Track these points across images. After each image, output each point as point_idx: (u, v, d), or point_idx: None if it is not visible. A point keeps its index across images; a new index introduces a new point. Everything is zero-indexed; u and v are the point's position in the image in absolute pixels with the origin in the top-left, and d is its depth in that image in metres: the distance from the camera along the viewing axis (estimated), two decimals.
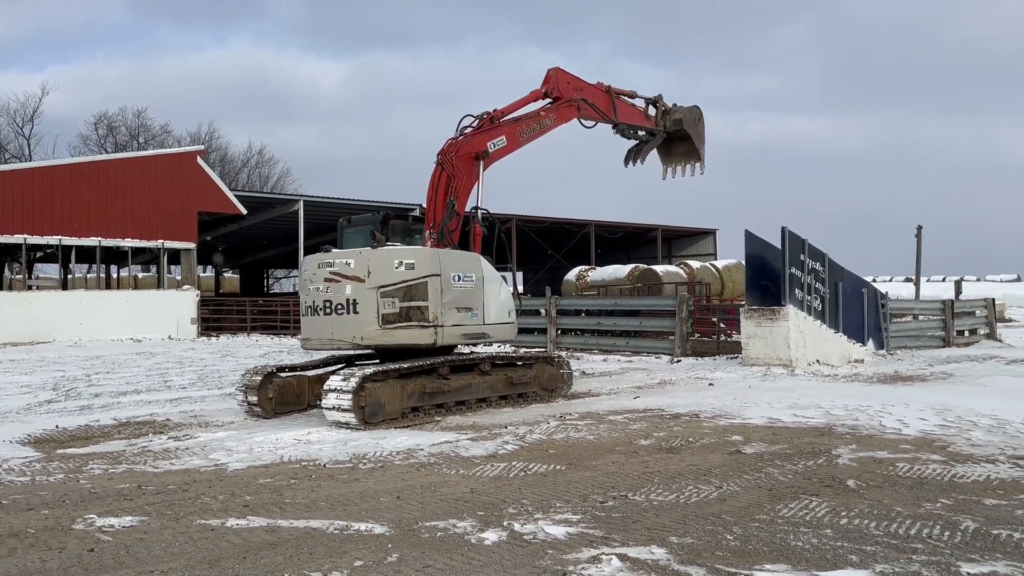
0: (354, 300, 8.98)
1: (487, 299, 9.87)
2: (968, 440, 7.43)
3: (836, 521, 4.91)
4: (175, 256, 29.91)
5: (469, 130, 11.11)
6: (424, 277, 9.04)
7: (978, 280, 65.20)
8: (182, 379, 14.07)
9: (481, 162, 10.89)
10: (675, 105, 14.79)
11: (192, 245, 29.01)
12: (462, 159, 10.75)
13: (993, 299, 22.83)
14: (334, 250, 9.60)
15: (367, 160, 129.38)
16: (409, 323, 8.98)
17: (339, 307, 9.07)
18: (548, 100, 12.44)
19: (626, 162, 14.73)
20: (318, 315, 9.26)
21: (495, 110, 11.62)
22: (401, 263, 9.02)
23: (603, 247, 42.99)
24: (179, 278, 32.10)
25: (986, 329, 21.32)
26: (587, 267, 32.92)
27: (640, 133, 14.39)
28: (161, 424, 9.26)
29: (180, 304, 27.88)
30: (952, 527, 4.74)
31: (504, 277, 10.61)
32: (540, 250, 41.75)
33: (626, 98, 14.01)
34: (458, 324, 9.43)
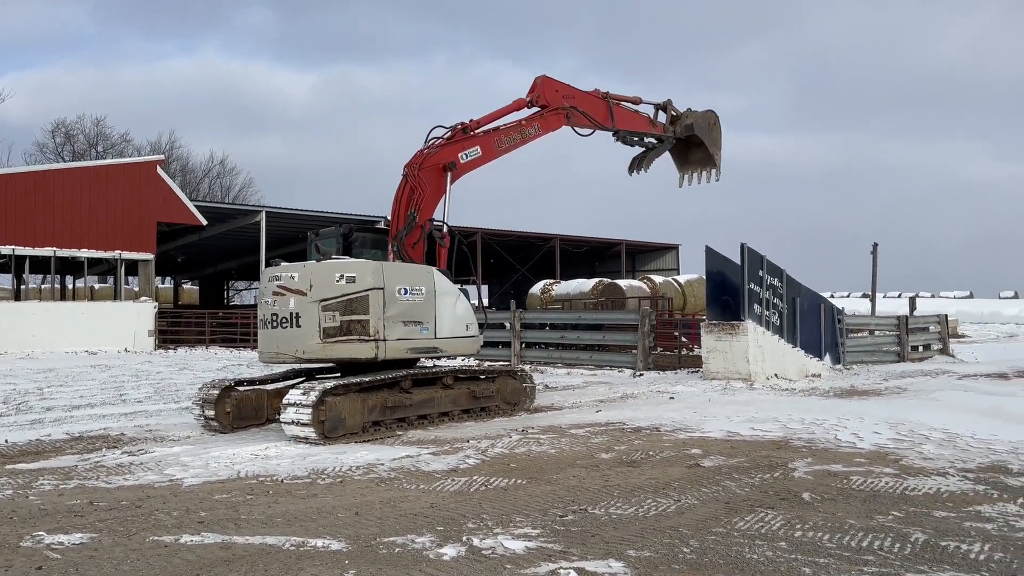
0: (297, 314, 8.94)
1: (439, 312, 9.71)
2: (920, 454, 7.59)
3: (791, 534, 4.99)
4: (133, 267, 29.37)
5: (439, 141, 10.99)
6: (365, 291, 8.93)
7: (932, 297, 66.89)
8: (138, 392, 13.79)
9: (449, 174, 10.74)
10: (689, 110, 14.34)
11: (150, 256, 28.53)
12: (428, 171, 10.64)
13: (946, 315, 23.42)
14: (283, 263, 9.53)
15: (334, 172, 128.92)
16: (350, 337, 8.88)
17: (284, 320, 9.05)
18: (535, 109, 12.22)
19: (630, 170, 14.30)
20: (267, 328, 9.28)
21: (471, 120, 11.46)
22: (342, 276, 8.94)
23: (568, 261, 43.23)
24: (136, 289, 31.52)
25: (939, 345, 21.84)
26: (552, 281, 33.04)
27: (648, 140, 13.99)
28: (115, 439, 9.06)
29: (137, 316, 27.37)
30: (903, 539, 4.84)
31: (465, 290, 10.48)
32: (506, 264, 41.83)
33: (628, 104, 13.62)
34: (404, 338, 9.26)
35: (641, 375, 16.26)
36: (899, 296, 62.68)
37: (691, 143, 14.54)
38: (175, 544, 4.89)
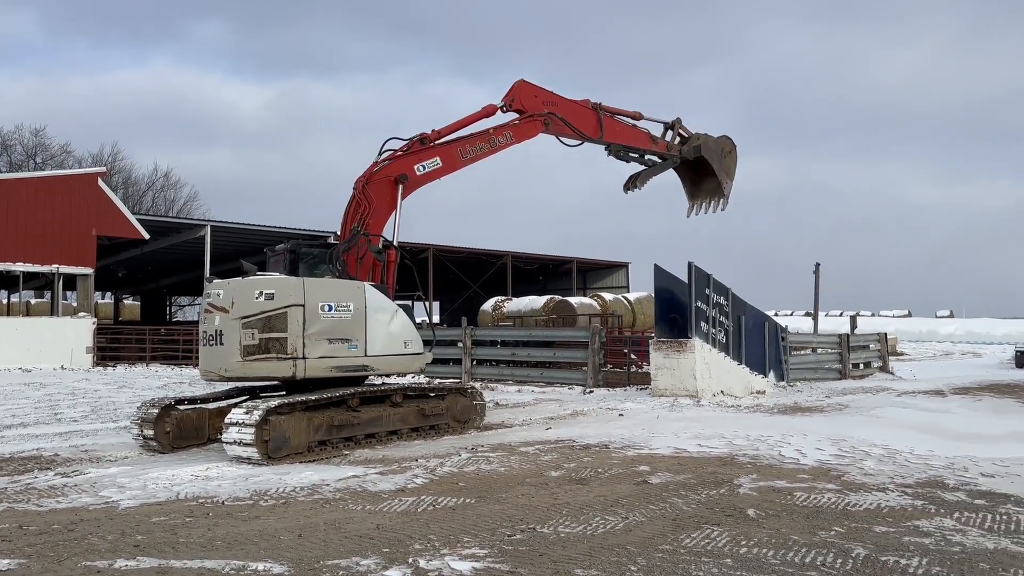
0: (220, 331, 8.86)
1: (371, 329, 9.44)
2: (861, 469, 7.76)
3: (736, 550, 5.03)
4: (71, 282, 28.46)
5: (390, 153, 10.70)
6: (284, 308, 8.78)
7: (872, 315, 68.87)
8: (74, 411, 13.31)
9: (400, 187, 10.47)
10: (704, 135, 13.66)
11: (89, 270, 27.67)
12: (377, 184, 10.40)
13: (885, 333, 24.10)
14: (216, 280, 9.40)
15: (286, 187, 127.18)
16: (268, 355, 8.73)
17: (211, 338, 9.00)
18: (510, 116, 11.74)
19: (626, 188, 13.63)
20: (204, 346, 9.22)
21: (433, 131, 11.04)
22: (261, 293, 8.83)
23: (519, 278, 43.32)
24: (75, 305, 30.53)
25: (879, 362, 22.45)
26: (503, 298, 33.06)
27: (648, 157, 13.39)
28: (48, 459, 8.71)
29: (75, 332, 26.47)
30: (844, 554, 4.93)
31: (407, 307, 10.23)
32: (457, 280, 41.72)
33: (626, 119, 13.00)
34: (328, 356, 9.02)
35: (591, 392, 16.33)
36: (840, 314, 64.39)
37: (704, 170, 13.82)
38: (108, 569, 4.71)
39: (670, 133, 13.63)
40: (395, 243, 10.56)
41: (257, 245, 33.45)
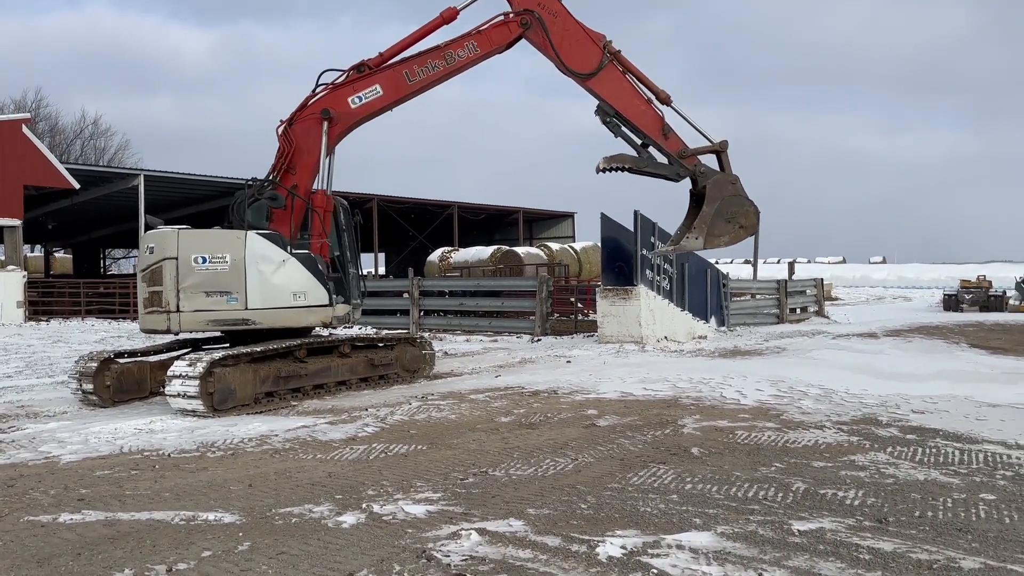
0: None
1: (250, 281, 8.91)
2: (799, 409, 8.04)
3: (681, 487, 5.19)
4: None
5: (324, 87, 9.60)
6: (160, 261, 8.77)
7: (808, 262, 70.76)
8: (7, 367, 12.87)
9: (326, 124, 9.37)
10: (736, 182, 10.68)
11: (17, 222, 26.50)
12: (302, 123, 9.42)
13: (822, 279, 24.83)
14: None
15: (230, 135, 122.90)
16: (153, 308, 8.83)
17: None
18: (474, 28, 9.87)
19: (599, 169, 10.67)
20: None
21: (378, 55, 9.62)
22: (148, 247, 8.96)
23: (466, 229, 43.08)
24: (3, 258, 29.29)
25: (815, 307, 23.17)
26: (450, 248, 32.89)
27: (646, 147, 10.56)
28: None
29: (3, 286, 25.42)
30: (785, 489, 5.12)
31: (308, 256, 9.37)
32: (403, 232, 41.28)
33: (642, 86, 10.43)
34: (204, 309, 8.79)
35: (539, 340, 16.48)
36: (778, 262, 65.97)
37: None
38: (53, 523, 4.61)
39: (713, 155, 10.75)
40: (328, 190, 9.79)
41: (194, 196, 32.41)
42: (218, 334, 9.74)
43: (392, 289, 22.75)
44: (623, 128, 10.49)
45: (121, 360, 9.42)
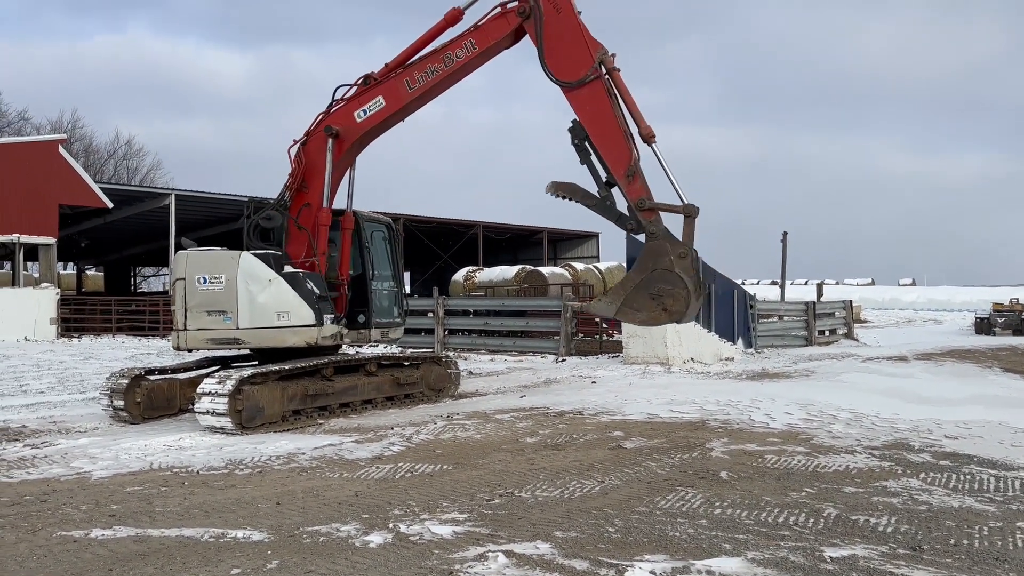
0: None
1: (240, 301, 8.92)
2: (829, 432, 7.93)
3: (710, 511, 5.13)
4: (33, 252, 27.78)
5: (335, 103, 9.40)
6: (175, 282, 9.27)
7: (837, 284, 69.89)
8: (40, 383, 13.09)
9: (331, 141, 9.23)
10: (694, 252, 8.48)
11: (52, 240, 27.03)
12: (316, 141, 9.33)
13: (851, 301, 24.53)
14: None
15: (266, 157, 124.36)
16: (173, 327, 9.35)
17: None
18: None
19: (550, 190, 8.85)
20: None
21: (384, 65, 9.30)
22: (174, 269, 9.34)
23: (490, 248, 43.21)
24: (37, 275, 29.84)
25: (844, 329, 22.87)
26: (475, 268, 32.97)
27: (604, 179, 8.68)
28: (16, 431, 8.57)
29: (38, 303, 25.89)
30: (816, 514, 5.05)
31: (299, 275, 9.17)
32: (428, 251, 41.50)
33: (628, 112, 8.59)
34: (204, 328, 9.01)
35: (564, 360, 16.44)
36: (806, 283, 65.30)
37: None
38: (85, 539, 4.67)
39: (685, 212, 8.43)
40: (349, 207, 9.93)
41: (224, 215, 32.87)
42: (247, 352, 9.84)
43: (418, 308, 22.84)
44: (592, 157, 8.78)
45: (151, 377, 9.54)
